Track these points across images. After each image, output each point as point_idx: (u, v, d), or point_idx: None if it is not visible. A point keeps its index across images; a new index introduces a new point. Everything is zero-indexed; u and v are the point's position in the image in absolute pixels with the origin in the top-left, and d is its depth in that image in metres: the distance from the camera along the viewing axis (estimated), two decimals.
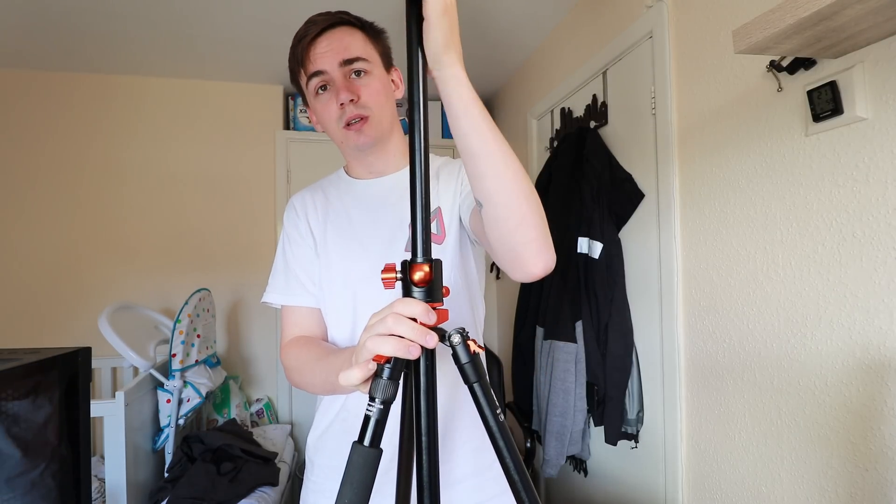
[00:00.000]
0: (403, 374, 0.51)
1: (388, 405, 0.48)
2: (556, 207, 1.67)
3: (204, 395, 1.82)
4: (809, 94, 0.92)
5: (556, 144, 2.00)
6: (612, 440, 1.49)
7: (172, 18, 1.88)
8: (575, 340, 1.55)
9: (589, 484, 1.79)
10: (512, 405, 1.99)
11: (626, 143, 1.56)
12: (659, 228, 1.40)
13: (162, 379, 1.75)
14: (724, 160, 1.17)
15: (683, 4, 1.29)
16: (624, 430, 1.50)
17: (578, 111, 1.84)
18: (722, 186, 1.18)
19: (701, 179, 1.25)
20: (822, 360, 0.96)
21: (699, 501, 1.29)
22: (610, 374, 1.49)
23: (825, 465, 0.96)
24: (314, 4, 1.77)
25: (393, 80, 0.85)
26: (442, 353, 0.52)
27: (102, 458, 1.77)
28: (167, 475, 1.68)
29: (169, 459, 1.73)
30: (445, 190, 0.84)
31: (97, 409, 1.47)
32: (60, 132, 2.33)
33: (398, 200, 0.84)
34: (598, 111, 1.71)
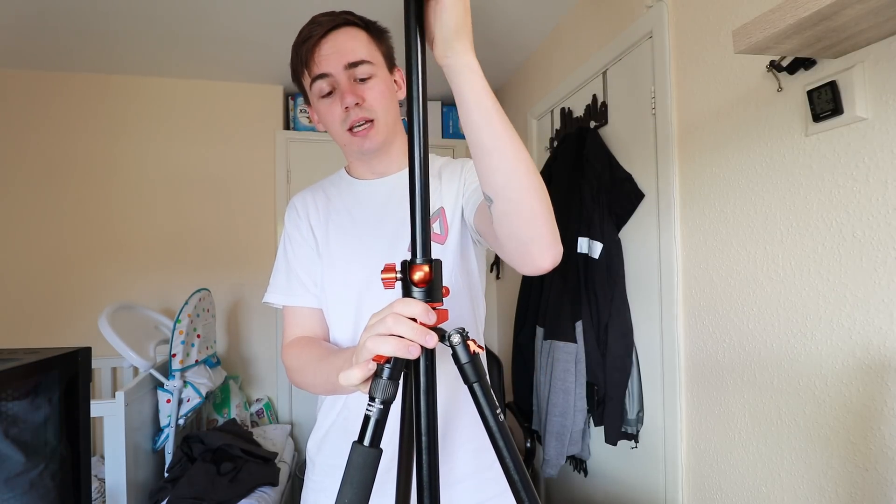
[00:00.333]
0: (403, 374, 0.51)
1: (388, 405, 0.48)
2: (556, 207, 1.65)
3: (204, 395, 1.82)
4: (809, 94, 0.92)
5: (556, 144, 2.00)
6: (612, 440, 1.49)
7: (172, 18, 1.88)
8: (575, 340, 1.55)
9: (589, 484, 1.79)
10: (512, 405, 1.99)
11: (626, 143, 1.56)
12: (659, 228, 1.40)
13: (162, 379, 1.75)
14: (724, 160, 1.17)
15: (683, 4, 1.29)
16: (624, 430, 1.50)
17: (578, 111, 1.84)
18: (722, 186, 1.18)
19: (701, 179, 1.25)
20: (822, 360, 0.96)
21: (699, 501, 1.29)
22: (610, 374, 1.49)
23: (825, 465, 0.96)
24: (314, 4, 1.77)
25: (396, 80, 0.85)
26: (442, 353, 0.52)
27: (102, 458, 1.77)
28: (167, 475, 1.68)
29: (169, 459, 1.73)
30: (448, 190, 0.84)
31: (97, 409, 1.47)
32: (60, 132, 2.33)
33: (401, 200, 0.83)
34: (598, 111, 1.71)
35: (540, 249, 0.63)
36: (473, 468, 0.82)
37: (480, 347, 0.52)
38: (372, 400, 0.48)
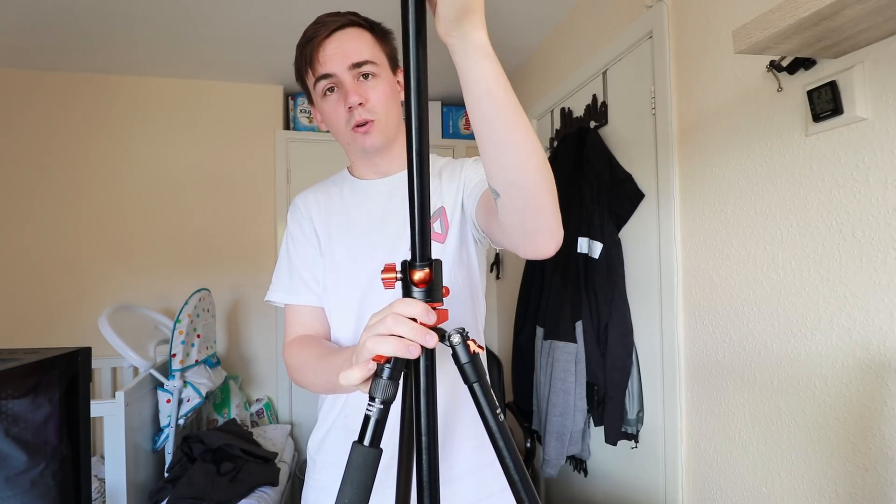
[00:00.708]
0: (403, 374, 0.51)
1: (388, 405, 0.48)
2: None
3: (204, 395, 1.82)
4: (809, 94, 0.92)
5: (556, 144, 2.00)
6: (612, 440, 1.49)
7: (172, 18, 1.88)
8: (575, 340, 1.55)
9: (589, 484, 1.79)
10: (512, 405, 1.99)
11: (626, 143, 1.56)
12: (659, 228, 1.40)
13: (162, 379, 1.75)
14: (724, 160, 1.17)
15: (683, 4, 1.29)
16: (624, 430, 1.50)
17: (578, 111, 1.84)
18: (722, 186, 1.18)
19: (701, 179, 1.25)
20: (822, 360, 0.96)
21: (699, 501, 1.29)
22: (610, 374, 1.49)
23: (825, 465, 0.96)
24: (315, 4, 1.77)
25: (399, 81, 0.85)
26: (442, 352, 0.52)
27: (102, 458, 1.77)
28: (167, 475, 1.68)
29: (169, 459, 1.73)
30: (448, 189, 0.84)
31: (97, 409, 1.47)
32: (59, 132, 2.33)
33: (403, 200, 0.83)
34: (598, 111, 1.71)
35: (545, 239, 0.64)
36: (474, 465, 0.82)
37: (480, 347, 0.52)
38: (372, 400, 0.48)
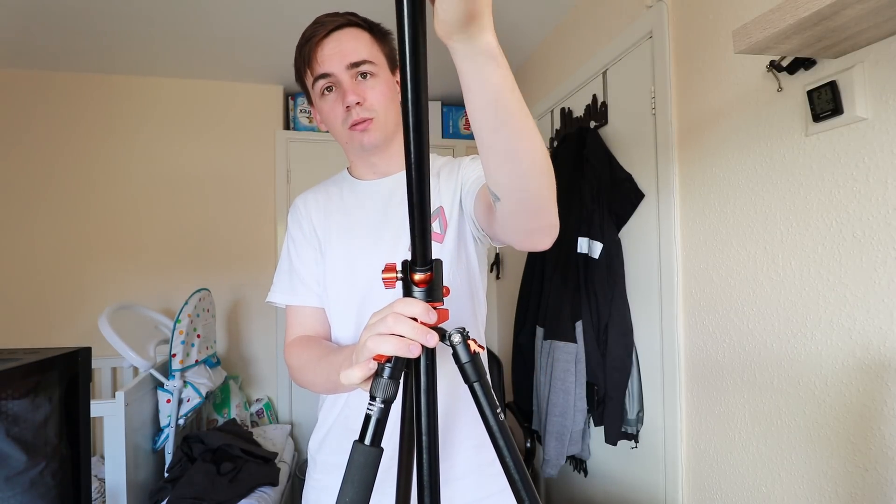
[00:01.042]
0: (404, 373, 0.51)
1: (388, 404, 0.48)
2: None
3: (204, 395, 1.82)
4: (809, 94, 0.93)
5: (556, 144, 2.00)
6: (612, 440, 1.49)
7: (173, 18, 1.89)
8: (575, 340, 1.55)
9: (589, 484, 1.79)
10: (512, 405, 1.99)
11: (626, 143, 1.57)
12: (659, 228, 1.40)
13: (162, 379, 1.75)
14: (724, 160, 1.17)
15: (683, 4, 1.29)
16: (624, 430, 1.50)
17: (578, 111, 1.84)
18: (722, 186, 1.18)
19: (701, 179, 1.25)
20: (822, 360, 0.96)
21: (699, 501, 1.29)
22: (610, 374, 1.49)
23: (825, 465, 0.96)
24: (314, 4, 1.77)
25: (398, 81, 0.86)
26: (442, 352, 0.52)
27: (102, 458, 1.77)
28: (167, 475, 1.68)
29: (169, 459, 1.73)
30: (446, 188, 0.84)
31: (97, 409, 1.47)
32: (60, 132, 2.33)
33: (403, 199, 0.83)
34: (598, 111, 1.71)
35: (541, 236, 0.65)
36: (474, 465, 0.82)
37: (481, 347, 0.52)
38: (373, 399, 0.48)
